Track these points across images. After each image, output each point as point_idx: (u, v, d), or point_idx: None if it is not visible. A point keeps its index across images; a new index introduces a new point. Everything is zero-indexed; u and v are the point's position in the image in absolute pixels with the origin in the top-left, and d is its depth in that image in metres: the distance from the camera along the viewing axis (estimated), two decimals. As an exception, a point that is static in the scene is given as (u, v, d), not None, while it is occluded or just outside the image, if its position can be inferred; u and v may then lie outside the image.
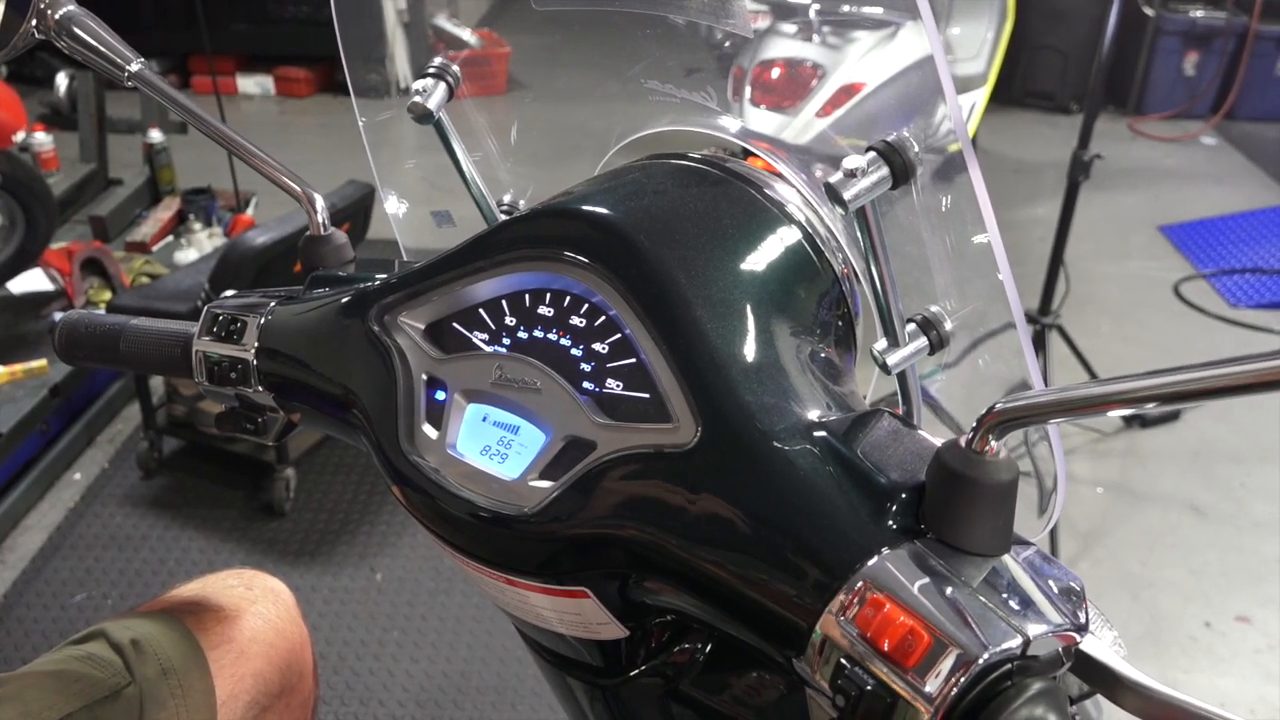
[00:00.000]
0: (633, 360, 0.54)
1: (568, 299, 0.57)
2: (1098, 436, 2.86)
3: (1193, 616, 2.27)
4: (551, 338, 0.57)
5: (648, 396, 0.53)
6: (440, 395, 0.59)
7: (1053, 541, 2.34)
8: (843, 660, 0.43)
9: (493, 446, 0.57)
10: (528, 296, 0.58)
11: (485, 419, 0.57)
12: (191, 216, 3.68)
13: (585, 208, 0.57)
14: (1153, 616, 2.27)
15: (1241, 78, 5.29)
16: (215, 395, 0.72)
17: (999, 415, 0.43)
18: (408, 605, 2.27)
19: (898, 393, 0.61)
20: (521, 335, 0.58)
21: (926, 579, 0.43)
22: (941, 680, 0.40)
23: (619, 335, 0.55)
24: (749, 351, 0.52)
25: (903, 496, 0.46)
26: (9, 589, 2.29)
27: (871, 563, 0.44)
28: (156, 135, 3.82)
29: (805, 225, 0.60)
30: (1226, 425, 2.92)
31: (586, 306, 0.56)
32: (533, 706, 2.02)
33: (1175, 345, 3.37)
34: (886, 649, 0.42)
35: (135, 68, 0.74)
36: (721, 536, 0.48)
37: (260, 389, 0.69)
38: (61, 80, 4.51)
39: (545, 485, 0.54)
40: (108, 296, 3.08)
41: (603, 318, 0.55)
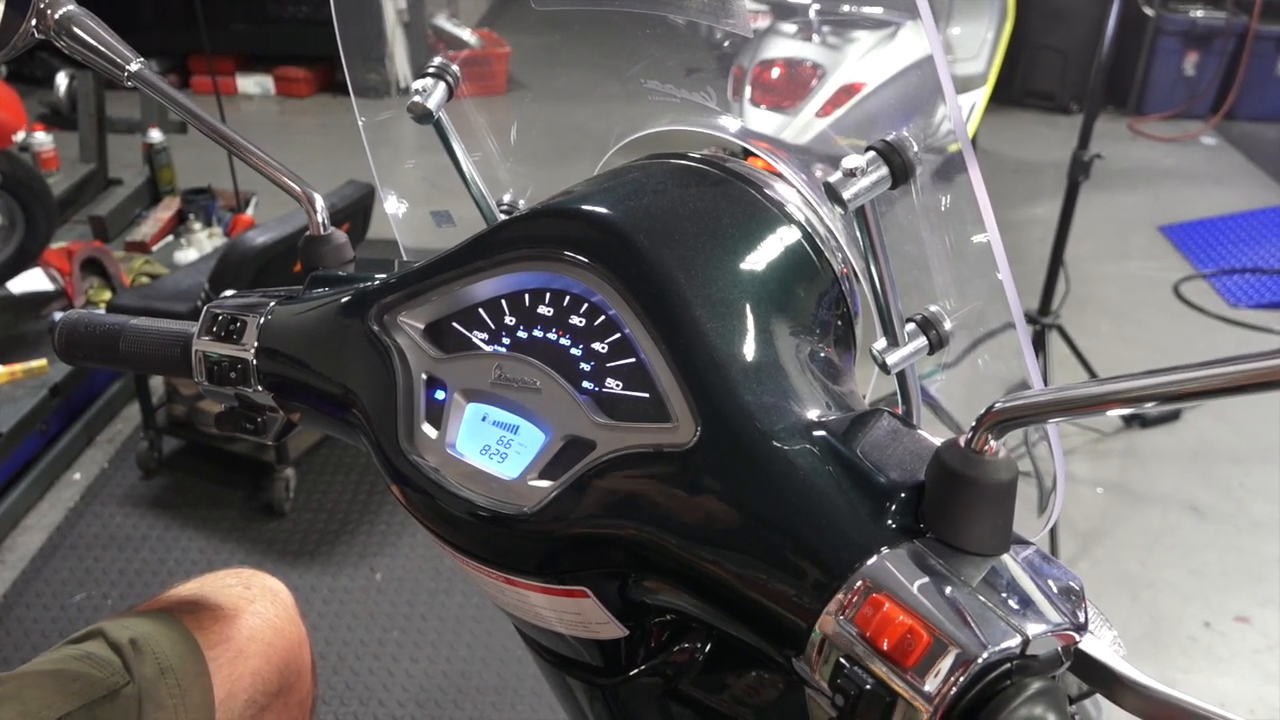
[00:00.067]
0: (632, 360, 0.54)
1: (567, 299, 0.57)
2: (1097, 436, 2.86)
3: (1192, 616, 2.27)
4: (551, 337, 0.57)
5: (647, 396, 0.53)
6: (440, 395, 0.59)
7: (1052, 541, 2.34)
8: (842, 660, 0.43)
9: (492, 446, 0.57)
10: (527, 296, 0.58)
11: (485, 418, 0.57)
12: (191, 216, 3.68)
13: (585, 207, 0.57)
14: (1152, 616, 2.27)
15: (1241, 78, 5.30)
16: (215, 395, 0.72)
17: (998, 415, 0.43)
18: (407, 605, 2.27)
19: (897, 392, 0.61)
20: (521, 335, 0.58)
21: (926, 578, 0.43)
22: (941, 679, 0.40)
23: (618, 335, 0.55)
24: (748, 351, 0.52)
25: (902, 496, 0.46)
26: (9, 589, 2.28)
27: (871, 562, 0.44)
28: (156, 135, 3.82)
29: (805, 225, 0.60)
30: (1226, 425, 2.92)
31: (586, 306, 0.56)
32: (532, 706, 2.02)
33: (1175, 345, 3.37)
34: (886, 648, 0.42)
35: (135, 67, 0.74)
36: (721, 536, 0.48)
37: (260, 389, 0.69)
38: (61, 80, 4.51)
39: (545, 485, 0.54)
40: (107, 296, 3.08)
41: (602, 317, 0.55)
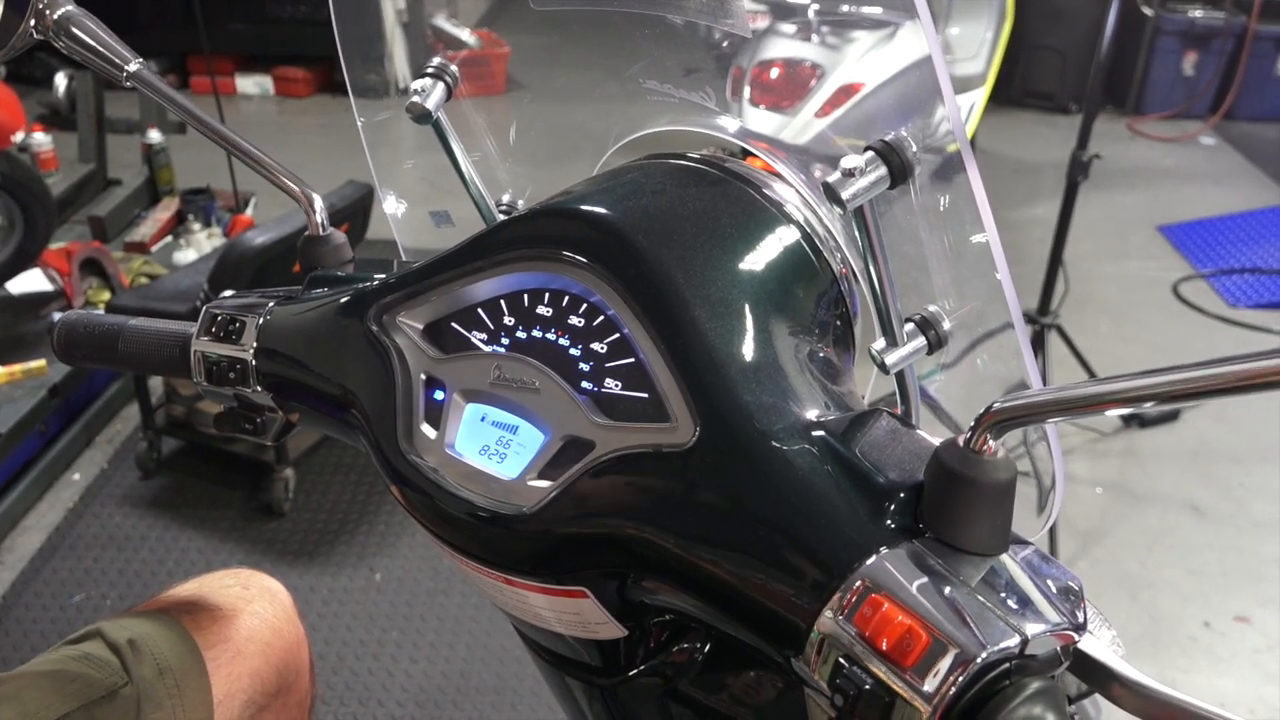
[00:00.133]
0: (631, 360, 0.54)
1: (566, 299, 0.57)
2: (1096, 436, 2.86)
3: (1191, 616, 2.27)
4: (550, 337, 0.57)
5: (646, 396, 0.53)
6: (439, 395, 0.59)
7: (1051, 541, 2.34)
8: (841, 659, 0.43)
9: (491, 446, 0.56)
10: (526, 296, 0.58)
11: (484, 419, 0.57)
12: (190, 217, 3.68)
13: (584, 207, 0.57)
14: (1151, 616, 2.27)
15: (1240, 78, 5.30)
16: (214, 395, 0.72)
17: (997, 415, 0.43)
18: (406, 605, 2.27)
19: (896, 392, 0.61)
20: (520, 335, 0.58)
21: (925, 578, 0.43)
22: (940, 679, 0.40)
23: (617, 335, 0.55)
24: (747, 351, 0.52)
25: (901, 496, 0.46)
26: (8, 589, 2.28)
27: (870, 562, 0.44)
28: (155, 135, 3.82)
29: (804, 225, 0.60)
30: (1225, 425, 2.92)
31: (585, 306, 0.56)
32: (532, 706, 2.02)
33: (1174, 345, 3.37)
34: (885, 648, 0.42)
35: (134, 68, 0.74)
36: (720, 536, 0.48)
37: (259, 389, 0.69)
38: (60, 80, 4.51)
39: (544, 485, 0.54)
40: (106, 297, 3.08)
41: (601, 317, 0.55)
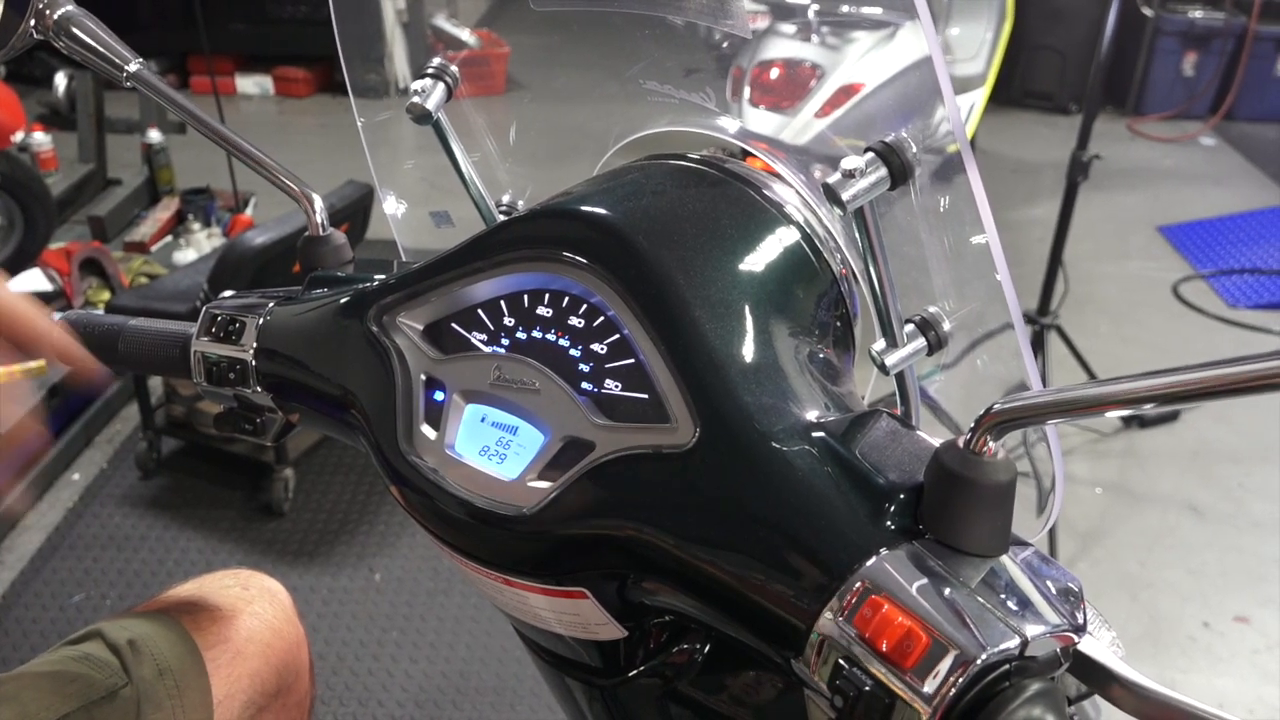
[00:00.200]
0: (631, 361, 0.54)
1: (566, 299, 0.57)
2: (1096, 437, 2.86)
3: (1191, 617, 2.27)
4: (550, 338, 0.57)
5: (646, 397, 0.53)
6: (439, 396, 0.59)
7: (1051, 542, 2.34)
8: (841, 661, 0.43)
9: (491, 447, 0.56)
10: (526, 297, 0.58)
11: (484, 419, 0.57)
12: (190, 217, 3.68)
13: (584, 208, 0.57)
14: (1151, 617, 2.27)
15: (1240, 78, 5.30)
16: (214, 396, 0.72)
17: (997, 416, 0.43)
18: (406, 605, 2.27)
19: (896, 393, 0.61)
20: (520, 336, 0.58)
21: (925, 579, 0.43)
22: (940, 681, 0.40)
23: (617, 336, 0.55)
24: (747, 352, 0.52)
25: (901, 497, 0.46)
26: (7, 589, 2.28)
27: (870, 563, 0.44)
28: (155, 135, 3.82)
29: (804, 226, 0.60)
30: (1225, 425, 2.92)
31: (585, 307, 0.56)
32: (531, 707, 2.02)
33: (1174, 346, 3.37)
34: (885, 649, 0.42)
35: (134, 68, 0.74)
36: (719, 537, 0.48)
37: (259, 389, 0.69)
38: (60, 80, 4.51)
39: (544, 486, 0.54)
40: (106, 297, 3.08)
41: (601, 318, 0.55)
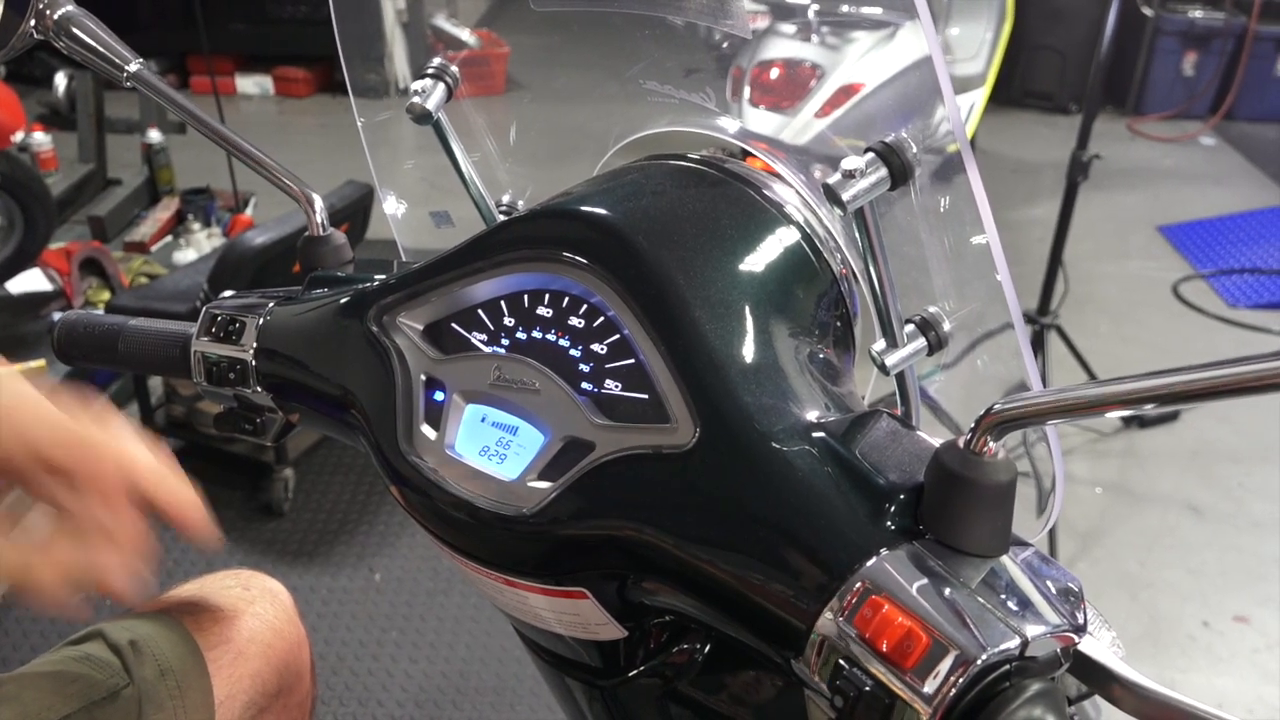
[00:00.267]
0: (631, 361, 0.54)
1: (566, 300, 0.57)
2: (1096, 437, 2.86)
3: (1191, 616, 2.27)
4: (550, 338, 0.57)
5: (646, 397, 0.53)
6: (439, 396, 0.59)
7: (1051, 542, 2.34)
8: (841, 661, 0.43)
9: (491, 447, 0.56)
10: (526, 297, 0.58)
11: (484, 419, 0.57)
12: (190, 216, 3.68)
13: (584, 208, 0.57)
14: (1151, 616, 2.27)
15: (1240, 78, 5.30)
16: (214, 396, 0.72)
17: (997, 416, 0.43)
18: (406, 605, 2.27)
19: (896, 393, 0.61)
20: (520, 336, 0.58)
21: (925, 580, 0.43)
22: (940, 681, 0.40)
23: (617, 336, 0.55)
24: (747, 352, 0.52)
25: (901, 497, 0.46)
26: (8, 589, 2.28)
27: (870, 563, 0.44)
28: (155, 135, 3.82)
29: (804, 226, 0.60)
30: (1225, 425, 2.92)
31: (585, 307, 0.56)
32: (531, 707, 2.02)
33: (1174, 345, 3.37)
34: (885, 650, 0.42)
35: (134, 68, 0.74)
36: (720, 537, 0.48)
37: (259, 389, 0.69)
38: (60, 80, 4.51)
39: (544, 486, 0.54)
40: (106, 297, 3.08)
41: (601, 318, 0.55)
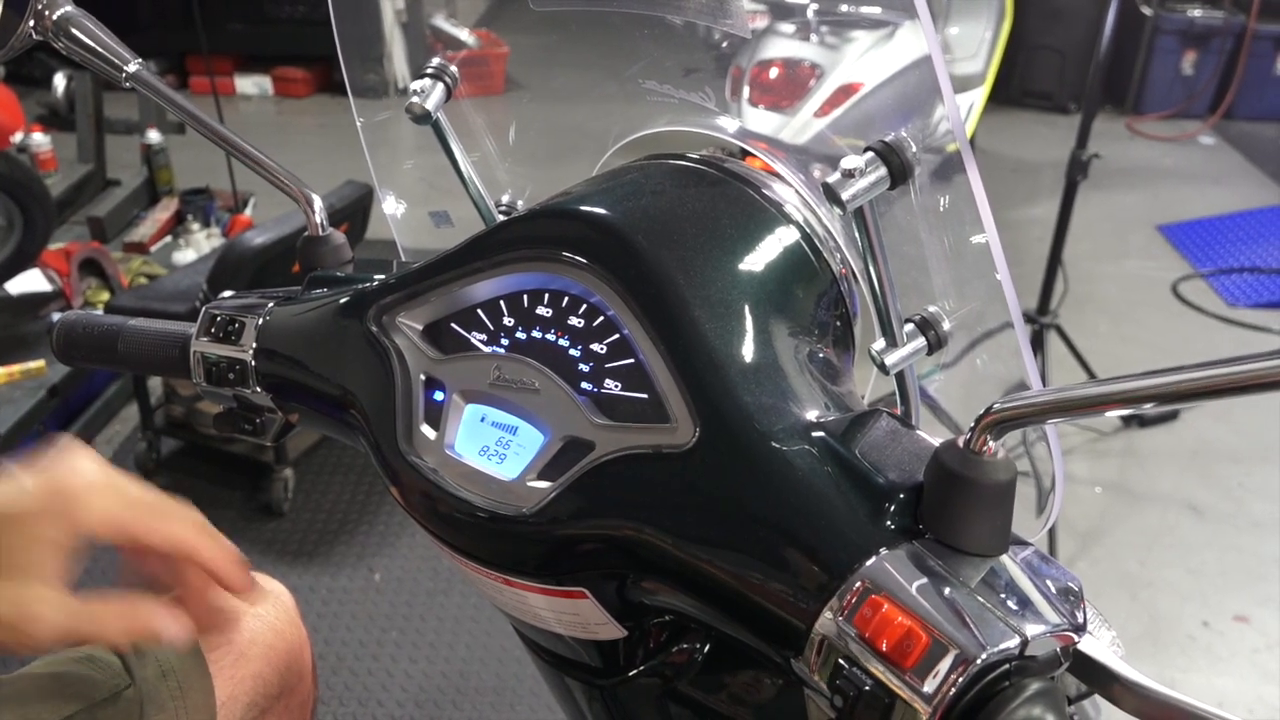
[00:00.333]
0: (631, 360, 0.54)
1: (566, 299, 0.57)
2: (1096, 436, 2.86)
3: (1191, 616, 2.27)
4: (550, 338, 0.57)
5: (646, 397, 0.53)
6: (439, 396, 0.59)
7: (1051, 541, 2.34)
8: (841, 660, 0.43)
9: (491, 447, 0.56)
10: (526, 297, 0.58)
11: (483, 419, 0.57)
12: (190, 217, 3.68)
13: (583, 208, 0.57)
14: (1151, 616, 2.27)
15: (1240, 77, 5.30)
16: (213, 396, 0.72)
17: (997, 415, 0.43)
18: (406, 605, 2.27)
19: (896, 393, 0.61)
20: (520, 336, 0.58)
21: (924, 579, 0.43)
22: (939, 680, 0.40)
23: (617, 335, 0.55)
24: (747, 352, 0.52)
25: (901, 497, 0.46)
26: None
27: (869, 563, 0.44)
28: (154, 136, 3.82)
29: (803, 225, 0.60)
30: (1225, 425, 2.92)
31: (585, 307, 0.56)
32: (531, 707, 2.02)
33: (1173, 345, 3.37)
34: (885, 649, 0.42)
35: (133, 68, 0.74)
36: (719, 536, 0.48)
37: (258, 389, 0.69)
38: (59, 81, 4.50)
39: (543, 486, 0.54)
40: (105, 297, 3.08)
41: (601, 318, 0.55)
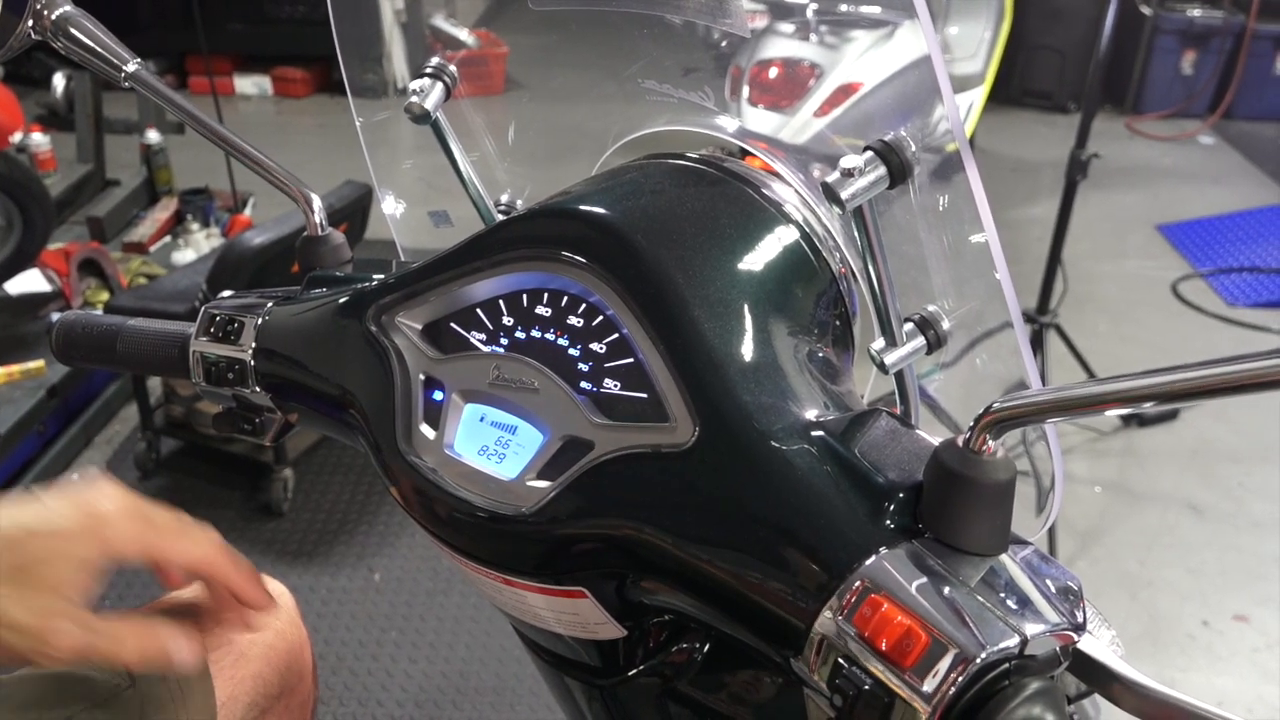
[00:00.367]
0: (630, 360, 0.54)
1: (565, 299, 0.57)
2: (1095, 435, 2.86)
3: (1190, 615, 2.27)
4: (549, 338, 0.57)
5: (645, 396, 0.53)
6: (438, 395, 0.59)
7: (1050, 541, 2.34)
8: (840, 660, 0.43)
9: (490, 447, 0.56)
10: (525, 296, 0.58)
11: (483, 419, 0.57)
12: (189, 217, 3.68)
13: (583, 207, 0.57)
14: (1151, 615, 2.27)
15: (1239, 77, 5.30)
16: (213, 396, 0.72)
17: (996, 415, 0.43)
18: (406, 605, 2.27)
19: (895, 392, 0.61)
20: (519, 335, 0.58)
21: (924, 578, 0.43)
22: (939, 680, 0.40)
23: (616, 335, 0.55)
24: (746, 351, 0.52)
25: (900, 496, 0.46)
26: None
27: (869, 562, 0.44)
28: (154, 136, 3.82)
29: (803, 225, 0.60)
30: (1225, 424, 2.92)
31: (584, 306, 0.56)
32: (531, 707, 2.02)
33: (1173, 344, 3.37)
34: (884, 648, 0.42)
35: (132, 68, 0.74)
36: (719, 536, 0.48)
37: (257, 389, 0.69)
38: (58, 81, 4.50)
39: (543, 485, 0.54)
40: (105, 297, 3.08)
41: (600, 317, 0.55)
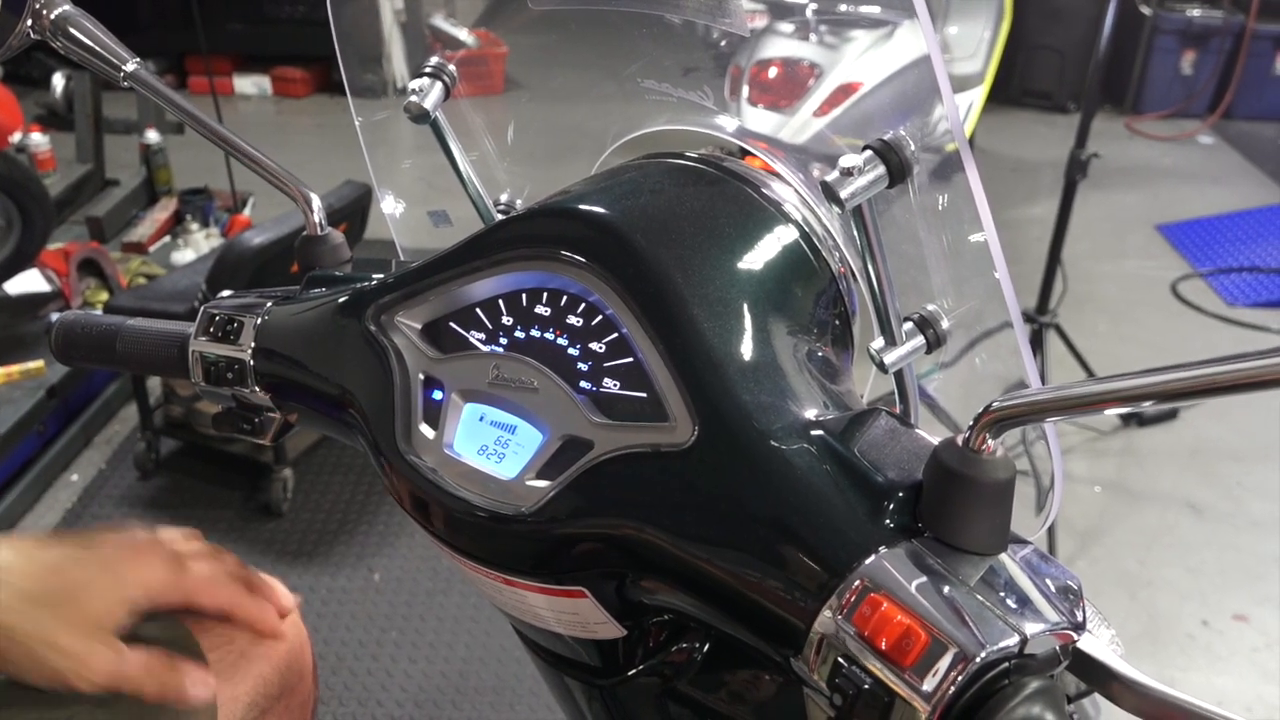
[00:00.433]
0: (630, 359, 0.54)
1: (564, 298, 0.57)
2: (1095, 435, 2.86)
3: (1190, 615, 2.27)
4: (548, 337, 0.57)
5: (645, 396, 0.53)
6: (437, 395, 0.59)
7: (1050, 540, 2.34)
8: (840, 659, 0.43)
9: (490, 446, 0.56)
10: (524, 296, 0.58)
11: (482, 419, 0.57)
12: (188, 217, 3.68)
13: (582, 207, 0.57)
14: (1150, 615, 2.27)
15: (1239, 77, 5.30)
16: (212, 396, 0.72)
17: (996, 414, 0.43)
18: (406, 605, 2.27)
19: (895, 391, 0.61)
20: (518, 335, 0.58)
21: (924, 578, 0.43)
22: (939, 679, 0.40)
23: (616, 334, 0.55)
24: (746, 350, 0.52)
25: (900, 495, 0.46)
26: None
27: (869, 561, 0.44)
28: (153, 136, 3.82)
29: (802, 224, 0.60)
30: (1224, 424, 2.92)
31: (583, 306, 0.56)
32: (531, 706, 2.02)
33: (1172, 344, 3.37)
34: (884, 648, 0.42)
35: (131, 68, 0.74)
36: (718, 535, 0.48)
37: (257, 389, 0.69)
38: (58, 81, 4.50)
39: (542, 485, 0.54)
40: (104, 297, 3.08)
41: (600, 317, 0.55)
